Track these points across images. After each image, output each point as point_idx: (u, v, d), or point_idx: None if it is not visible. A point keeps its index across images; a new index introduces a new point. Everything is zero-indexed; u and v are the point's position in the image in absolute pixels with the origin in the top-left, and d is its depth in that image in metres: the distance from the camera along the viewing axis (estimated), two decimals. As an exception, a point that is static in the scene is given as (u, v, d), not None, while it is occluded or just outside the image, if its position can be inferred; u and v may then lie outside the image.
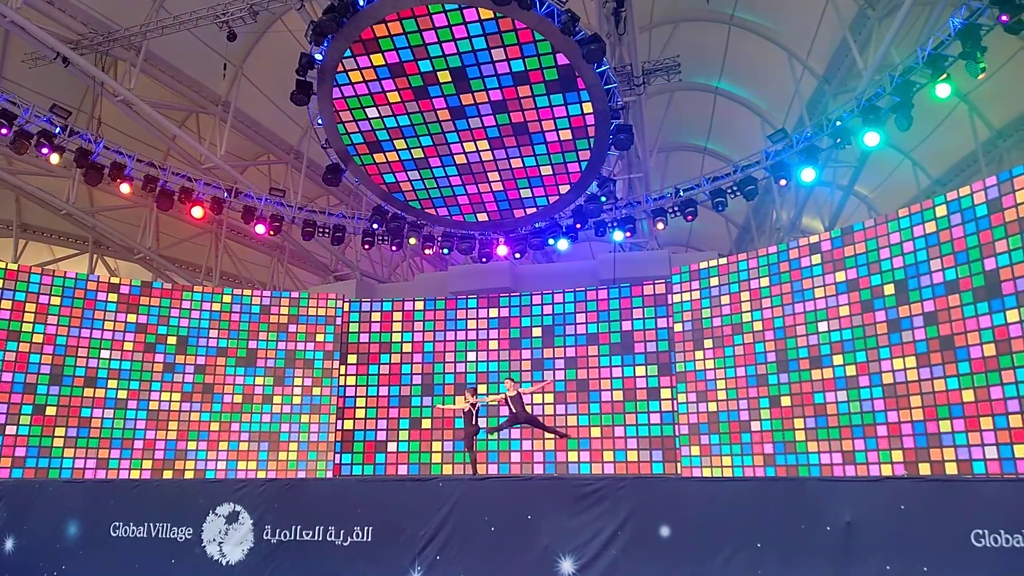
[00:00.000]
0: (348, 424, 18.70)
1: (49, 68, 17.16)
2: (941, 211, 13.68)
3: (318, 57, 14.13)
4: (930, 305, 13.57)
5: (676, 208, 17.63)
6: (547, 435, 16.02)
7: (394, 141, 16.17)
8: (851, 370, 14.59)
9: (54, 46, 15.89)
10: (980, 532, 6.12)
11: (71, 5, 17.39)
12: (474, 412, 11.90)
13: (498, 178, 17.04)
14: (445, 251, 19.39)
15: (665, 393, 17.35)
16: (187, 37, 17.69)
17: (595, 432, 17.52)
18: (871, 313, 14.45)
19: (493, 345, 18.71)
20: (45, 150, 15.98)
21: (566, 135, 15.63)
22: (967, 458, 12.69)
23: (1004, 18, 11.60)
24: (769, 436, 15.48)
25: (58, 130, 16.18)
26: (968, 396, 12.81)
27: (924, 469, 13.13)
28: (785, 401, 15.46)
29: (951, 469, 12.79)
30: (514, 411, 11.38)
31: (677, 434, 16.80)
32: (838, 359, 14.81)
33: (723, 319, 16.60)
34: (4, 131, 15.44)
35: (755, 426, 15.73)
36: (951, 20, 12.56)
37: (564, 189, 17.10)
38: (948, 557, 6.20)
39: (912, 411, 13.58)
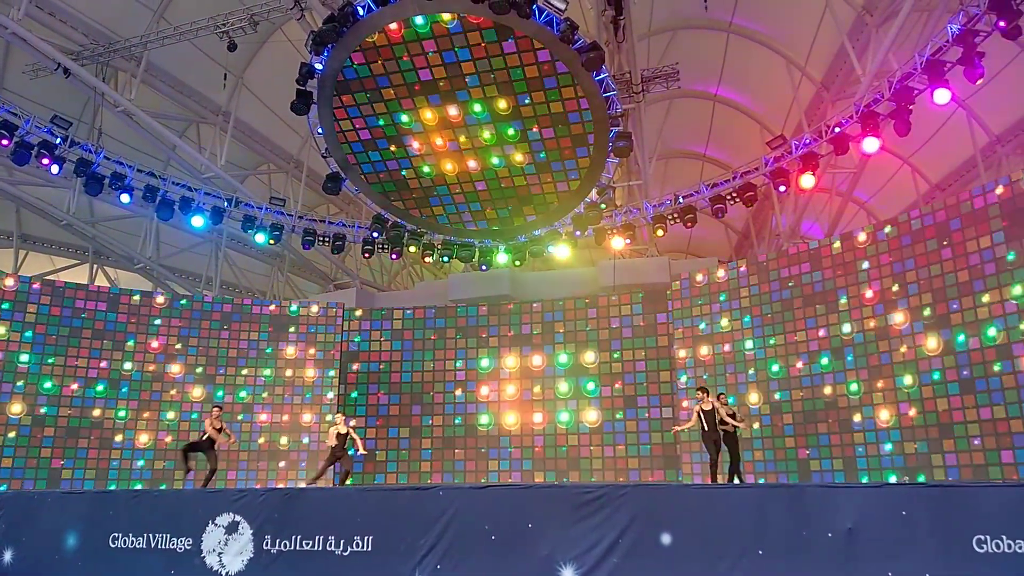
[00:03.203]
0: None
1: (50, 79, 17.20)
2: (940, 216, 13.71)
3: (318, 67, 14.15)
4: (928, 311, 13.57)
5: (676, 215, 17.63)
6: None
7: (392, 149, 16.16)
8: (852, 376, 14.57)
9: (55, 57, 15.93)
10: (983, 538, 6.09)
11: (72, 16, 17.43)
12: (345, 438, 11.99)
13: (497, 185, 17.02)
14: (444, 259, 19.35)
15: (666, 400, 17.34)
16: (187, 47, 17.72)
17: (594, 439, 17.49)
18: (872, 319, 14.44)
19: (493, 352, 18.68)
20: (46, 161, 16.00)
21: (566, 142, 15.63)
22: (968, 463, 12.65)
23: (1002, 24, 11.58)
24: (771, 443, 15.45)
25: (59, 141, 16.19)
26: (969, 402, 12.79)
27: (926, 475, 13.10)
28: (786, 407, 15.44)
29: (955, 475, 12.75)
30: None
31: (678, 441, 16.75)
32: (839, 365, 14.79)
33: (723, 326, 16.58)
34: (5, 142, 15.46)
35: (757, 433, 15.70)
36: (949, 26, 12.56)
37: (564, 196, 17.08)
38: (951, 563, 6.16)
39: (913, 416, 13.55)
